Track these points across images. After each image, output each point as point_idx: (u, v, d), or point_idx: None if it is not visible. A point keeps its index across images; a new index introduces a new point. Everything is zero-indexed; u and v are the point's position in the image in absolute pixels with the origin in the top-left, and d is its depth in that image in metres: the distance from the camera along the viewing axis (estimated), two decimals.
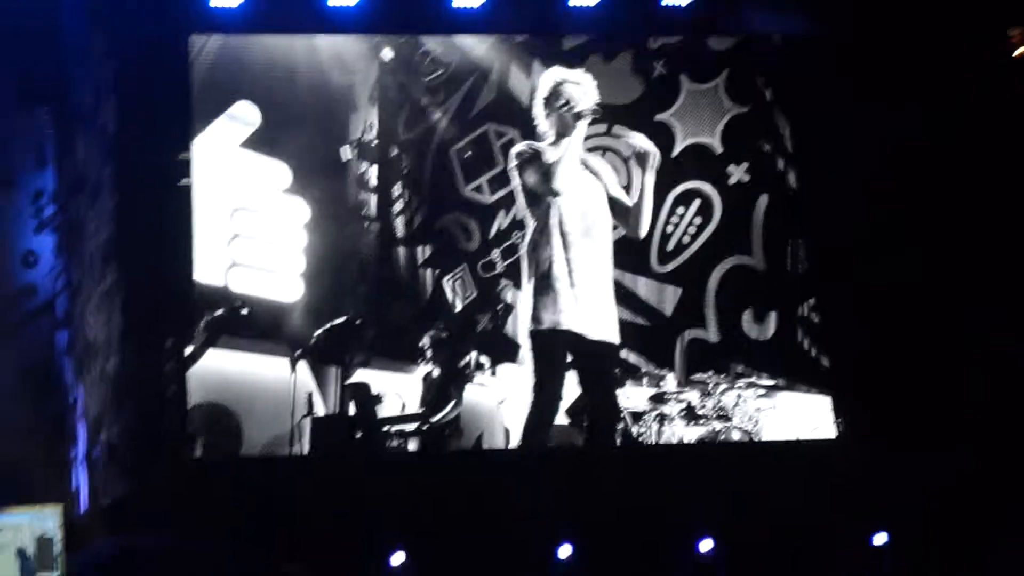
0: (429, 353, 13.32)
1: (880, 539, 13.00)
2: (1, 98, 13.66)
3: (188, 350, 12.75)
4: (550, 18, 13.75)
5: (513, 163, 13.47)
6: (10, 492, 13.53)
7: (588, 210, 13.47)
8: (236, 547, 11.84)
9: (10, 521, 13.33)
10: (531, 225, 13.46)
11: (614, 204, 13.60)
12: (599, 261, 13.50)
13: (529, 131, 13.61)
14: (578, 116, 13.38)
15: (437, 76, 13.78)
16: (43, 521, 13.23)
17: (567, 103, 13.43)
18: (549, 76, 13.62)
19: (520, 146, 13.53)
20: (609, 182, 13.62)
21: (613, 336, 13.36)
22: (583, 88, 13.53)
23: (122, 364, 12.44)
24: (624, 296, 13.71)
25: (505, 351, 13.40)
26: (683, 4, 13.79)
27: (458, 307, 13.59)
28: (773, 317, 13.88)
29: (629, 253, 13.69)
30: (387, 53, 13.71)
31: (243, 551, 11.83)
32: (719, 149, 13.98)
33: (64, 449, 13.89)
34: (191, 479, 12.26)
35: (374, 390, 13.10)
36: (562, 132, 13.45)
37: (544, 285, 13.26)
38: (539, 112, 13.55)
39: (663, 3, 13.79)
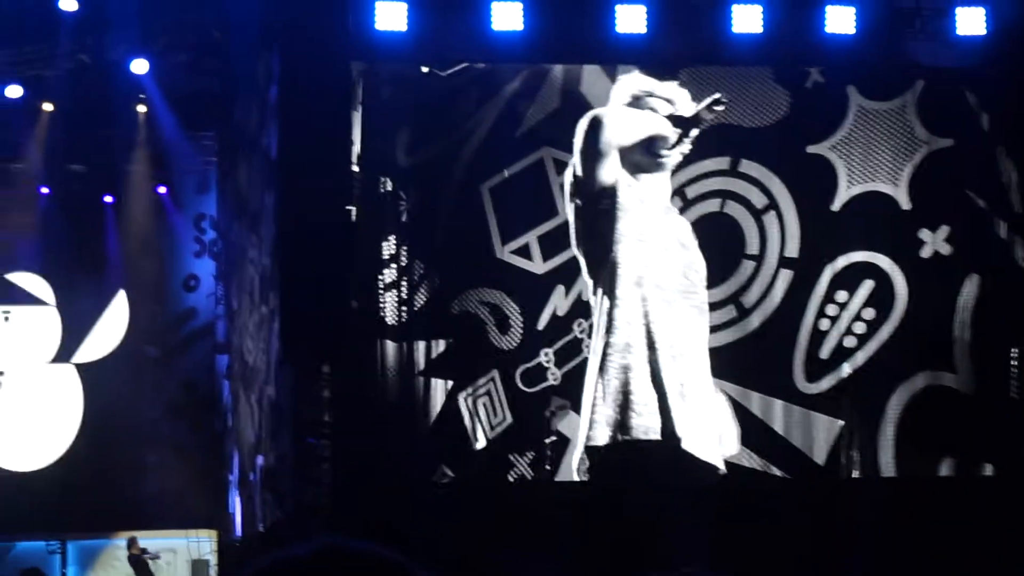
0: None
1: None
2: (165, 122, 13.80)
3: None
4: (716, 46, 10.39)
5: (567, 189, 9.36)
6: (168, 513, 13.65)
7: (685, 271, 9.41)
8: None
9: (167, 545, 13.47)
10: (598, 297, 9.31)
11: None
12: (698, 345, 9.35)
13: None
14: (665, 153, 9.34)
15: (461, 70, 9.85)
16: (199, 545, 13.35)
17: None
18: (628, 84, 9.58)
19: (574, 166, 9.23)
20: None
21: (721, 456, 9.06)
22: (676, 108, 9.59)
23: (279, 390, 12.43)
24: (751, 429, 9.07)
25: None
26: (851, 32, 10.10)
27: (479, 442, 9.74)
28: (989, 472, 9.42)
29: (759, 361, 9.29)
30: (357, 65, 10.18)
31: None
32: (906, 204, 9.41)
33: (220, 472, 13.97)
34: (348, 505, 12.18)
35: None
36: (641, 168, 9.59)
37: (618, 383, 9.23)
38: None
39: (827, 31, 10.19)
